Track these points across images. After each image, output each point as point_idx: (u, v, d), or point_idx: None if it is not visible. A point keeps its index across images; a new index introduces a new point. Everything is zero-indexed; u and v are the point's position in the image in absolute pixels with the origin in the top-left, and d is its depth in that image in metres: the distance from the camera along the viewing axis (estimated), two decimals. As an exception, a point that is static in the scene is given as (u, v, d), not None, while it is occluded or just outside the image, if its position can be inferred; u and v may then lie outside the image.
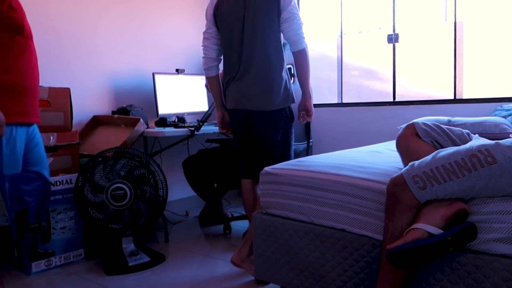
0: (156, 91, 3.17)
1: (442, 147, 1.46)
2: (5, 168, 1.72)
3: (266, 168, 1.80)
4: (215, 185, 3.17)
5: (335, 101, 3.81)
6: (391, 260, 1.20)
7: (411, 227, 1.24)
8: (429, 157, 1.31)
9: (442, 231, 1.21)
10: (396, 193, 1.29)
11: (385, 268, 1.29)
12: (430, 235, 1.20)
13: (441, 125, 1.52)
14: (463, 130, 1.53)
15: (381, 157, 1.92)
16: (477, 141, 1.37)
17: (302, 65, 2.21)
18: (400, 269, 1.26)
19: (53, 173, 2.39)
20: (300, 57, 2.20)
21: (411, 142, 1.49)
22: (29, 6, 2.74)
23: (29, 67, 1.81)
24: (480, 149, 1.23)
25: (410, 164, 1.33)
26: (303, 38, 2.18)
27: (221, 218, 3.10)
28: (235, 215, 3.15)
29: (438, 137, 1.49)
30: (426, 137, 1.49)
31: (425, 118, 2.48)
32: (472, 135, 1.52)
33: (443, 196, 1.25)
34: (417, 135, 1.50)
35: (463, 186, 1.23)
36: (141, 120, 2.74)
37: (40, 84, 2.42)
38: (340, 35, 3.66)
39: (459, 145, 1.44)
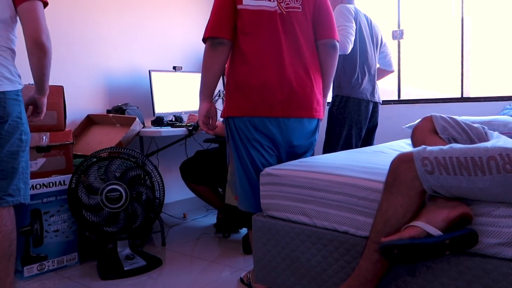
0: (152, 89, 3.13)
1: None
2: None
3: (267, 169, 1.77)
4: (220, 190, 3.08)
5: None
6: (383, 253, 1.18)
7: (410, 224, 1.20)
8: (446, 146, 1.25)
9: (441, 233, 1.17)
10: (398, 170, 1.25)
11: (372, 246, 1.27)
12: (428, 235, 1.17)
13: (460, 122, 1.47)
14: (482, 126, 1.47)
15: (386, 158, 1.88)
16: (499, 140, 1.31)
17: None
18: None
19: (46, 174, 2.37)
20: None
21: (428, 138, 1.44)
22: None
23: None
24: (501, 153, 1.15)
25: (423, 146, 1.27)
26: None
27: (236, 223, 2.96)
28: None
29: (457, 135, 1.44)
30: (443, 134, 1.44)
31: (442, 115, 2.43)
32: (492, 132, 1.46)
33: (449, 187, 1.19)
34: (435, 131, 1.45)
35: (473, 185, 1.17)
36: (137, 119, 2.71)
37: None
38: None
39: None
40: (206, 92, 1.89)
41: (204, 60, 1.85)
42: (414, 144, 1.51)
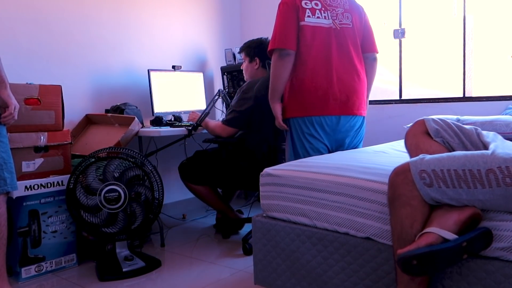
0: (151, 88, 3.11)
1: (452, 148, 1.40)
2: None
3: (267, 169, 1.76)
4: (220, 190, 3.05)
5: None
6: (402, 266, 1.12)
7: (424, 231, 1.17)
8: (444, 155, 1.23)
9: (456, 236, 1.14)
10: (396, 183, 1.23)
11: (398, 268, 1.21)
12: (444, 240, 1.13)
13: (452, 124, 1.45)
14: (474, 127, 1.45)
15: (387, 158, 1.88)
16: (498, 146, 1.27)
17: None
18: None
19: (44, 174, 2.35)
20: None
21: (421, 140, 1.43)
22: (20, 1, 2.68)
23: None
24: (501, 165, 1.12)
25: (421, 156, 1.25)
26: None
27: (236, 225, 2.97)
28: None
29: (450, 138, 1.41)
30: (437, 137, 1.42)
31: (434, 117, 2.41)
32: (488, 132, 1.43)
33: (449, 199, 1.18)
34: (428, 133, 1.43)
35: (473, 197, 1.15)
36: (136, 119, 2.69)
37: (31, 82, 2.39)
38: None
39: (470, 149, 1.37)
40: (277, 96, 2.23)
41: (273, 69, 2.18)
42: (408, 148, 1.49)
